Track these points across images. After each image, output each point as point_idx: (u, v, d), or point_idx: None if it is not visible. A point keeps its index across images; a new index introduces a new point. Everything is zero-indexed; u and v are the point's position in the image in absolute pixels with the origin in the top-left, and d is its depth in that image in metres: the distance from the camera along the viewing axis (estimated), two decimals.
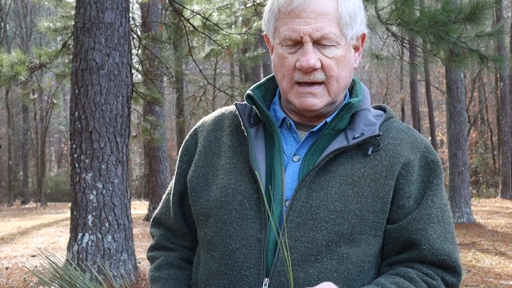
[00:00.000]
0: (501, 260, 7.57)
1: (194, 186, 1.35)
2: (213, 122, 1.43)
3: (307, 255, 1.20)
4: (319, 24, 1.22)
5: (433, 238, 1.24)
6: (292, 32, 1.23)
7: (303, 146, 1.30)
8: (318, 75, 1.24)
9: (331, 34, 1.23)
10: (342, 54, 1.26)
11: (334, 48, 1.25)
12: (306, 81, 1.25)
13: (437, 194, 1.28)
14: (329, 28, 1.23)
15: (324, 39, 1.23)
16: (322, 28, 1.22)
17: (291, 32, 1.24)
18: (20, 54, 8.04)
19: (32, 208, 21.69)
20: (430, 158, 1.31)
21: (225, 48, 8.64)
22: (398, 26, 6.68)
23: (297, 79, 1.25)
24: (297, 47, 1.25)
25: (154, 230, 1.49)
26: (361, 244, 1.23)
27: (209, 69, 22.72)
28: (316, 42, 1.24)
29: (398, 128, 1.33)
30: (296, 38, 1.23)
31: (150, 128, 10.10)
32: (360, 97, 1.33)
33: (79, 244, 5.68)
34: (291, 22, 1.24)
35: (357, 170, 1.25)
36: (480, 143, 26.66)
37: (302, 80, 1.25)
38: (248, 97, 1.34)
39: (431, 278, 1.23)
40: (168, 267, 1.41)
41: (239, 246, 1.24)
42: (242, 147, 1.33)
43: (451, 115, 12.05)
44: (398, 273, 1.24)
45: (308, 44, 1.23)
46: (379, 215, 1.24)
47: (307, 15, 1.22)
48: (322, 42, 1.23)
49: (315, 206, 1.22)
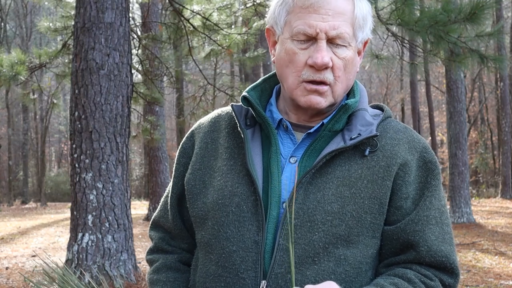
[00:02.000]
0: (501, 260, 7.57)
1: (191, 188, 1.35)
2: (209, 123, 1.42)
3: (304, 257, 1.20)
4: (336, 22, 1.21)
5: (431, 239, 1.24)
6: (308, 27, 1.22)
7: (300, 148, 1.29)
8: (327, 75, 1.23)
9: (345, 34, 1.23)
10: (352, 56, 1.26)
11: (346, 49, 1.24)
12: (315, 80, 1.23)
13: (435, 195, 1.28)
14: (344, 28, 1.23)
15: (338, 38, 1.22)
16: (339, 26, 1.22)
17: (306, 27, 1.22)
18: (20, 54, 8.04)
19: (32, 208, 21.70)
20: (428, 159, 1.30)
21: (225, 48, 8.64)
22: (398, 26, 6.67)
23: (306, 77, 1.24)
24: (309, 43, 1.23)
25: (153, 233, 1.50)
26: (358, 246, 1.22)
27: (209, 69, 22.73)
28: (330, 41, 1.23)
29: (396, 128, 1.33)
30: (312, 33, 1.22)
31: (150, 128, 10.09)
32: (357, 97, 1.33)
33: (79, 244, 5.68)
34: (307, 17, 1.22)
35: (354, 171, 1.25)
36: (480, 143, 26.66)
37: (312, 78, 1.23)
38: (244, 99, 1.33)
39: (429, 279, 1.23)
40: (166, 270, 1.41)
41: (236, 248, 1.23)
42: (239, 149, 1.32)
43: (451, 115, 12.04)
44: (396, 274, 1.23)
45: (323, 41, 1.22)
46: (376, 216, 1.24)
47: (325, 12, 1.21)
48: (336, 41, 1.23)
49: (312, 208, 1.21)
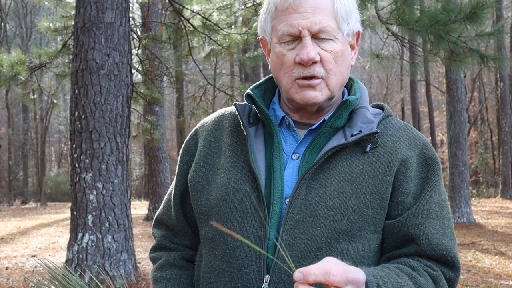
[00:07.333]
0: (501, 260, 7.57)
1: (195, 185, 1.37)
2: (213, 122, 1.45)
3: (306, 251, 1.21)
4: (317, 17, 1.24)
5: (432, 233, 1.25)
6: (291, 27, 1.25)
7: (302, 144, 1.32)
8: (317, 69, 1.25)
9: (328, 27, 1.25)
10: (340, 48, 1.28)
11: (332, 42, 1.26)
12: (306, 75, 1.26)
13: (435, 190, 1.29)
14: (326, 22, 1.25)
15: (322, 32, 1.25)
16: (320, 21, 1.24)
17: (289, 27, 1.25)
18: (20, 54, 8.04)
19: (32, 208, 21.69)
20: (428, 155, 1.32)
21: (225, 48, 8.64)
22: (398, 26, 6.68)
23: (297, 74, 1.26)
24: (295, 42, 1.26)
25: (156, 231, 1.52)
26: (360, 240, 1.24)
27: (209, 69, 22.73)
28: (315, 36, 1.25)
29: (396, 125, 1.35)
30: (295, 32, 1.25)
31: (150, 128, 10.09)
32: (358, 95, 1.35)
33: (79, 244, 5.68)
34: (289, 18, 1.25)
35: (355, 167, 1.27)
36: (480, 143, 26.67)
37: (302, 74, 1.26)
38: (248, 96, 1.36)
39: (432, 269, 1.24)
40: (170, 267, 1.43)
41: (239, 244, 1.25)
42: (241, 146, 1.34)
43: (451, 115, 12.04)
44: (399, 263, 1.25)
45: (307, 38, 1.24)
46: (378, 211, 1.25)
47: (304, 10, 1.24)
48: (320, 35, 1.25)
49: (314, 203, 1.23)
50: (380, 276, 1.13)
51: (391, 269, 1.19)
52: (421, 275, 1.21)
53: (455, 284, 1.28)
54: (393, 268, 1.20)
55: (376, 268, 1.18)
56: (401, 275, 1.18)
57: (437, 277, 1.23)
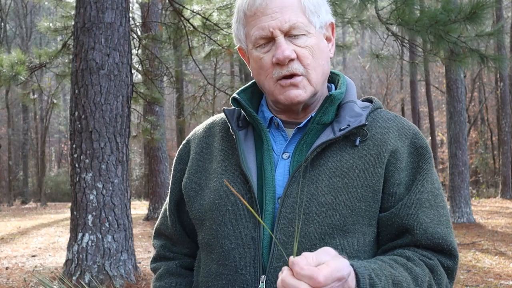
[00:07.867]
0: (501, 260, 7.57)
1: (188, 192, 1.38)
2: (204, 129, 1.47)
3: (301, 249, 1.21)
4: (285, 16, 1.25)
5: (426, 222, 1.24)
6: (262, 30, 1.26)
7: (291, 143, 1.32)
8: (295, 66, 1.26)
9: (299, 23, 1.25)
10: (315, 42, 1.28)
11: (305, 37, 1.27)
12: (285, 75, 1.26)
13: (427, 178, 1.28)
14: (296, 18, 1.25)
15: (293, 29, 1.25)
16: (290, 19, 1.25)
17: (260, 30, 1.26)
18: (20, 54, 8.04)
19: (32, 208, 21.70)
20: (418, 144, 1.32)
21: (225, 48, 8.64)
22: (398, 26, 6.68)
23: (276, 75, 1.27)
24: (270, 44, 1.27)
25: (155, 242, 1.55)
26: (355, 235, 1.24)
27: (209, 69, 22.73)
28: (287, 34, 1.26)
29: (386, 117, 1.35)
30: (267, 34, 1.25)
31: (150, 128, 10.10)
32: (343, 89, 1.35)
33: (79, 244, 5.68)
34: (258, 22, 1.26)
35: (346, 161, 1.27)
36: (480, 143, 26.67)
37: (282, 74, 1.26)
38: (234, 100, 1.37)
39: (428, 258, 1.24)
40: (169, 276, 1.45)
41: (234, 246, 1.26)
42: (232, 150, 1.35)
43: (451, 115, 12.04)
44: (395, 254, 1.24)
45: (280, 37, 1.25)
46: (371, 204, 1.25)
47: (272, 11, 1.25)
48: (292, 32, 1.25)
49: (306, 201, 1.23)
50: (372, 268, 1.12)
51: (385, 261, 1.18)
52: (416, 265, 1.20)
53: (454, 272, 1.27)
54: (387, 260, 1.19)
55: (369, 261, 1.17)
56: (396, 266, 1.18)
57: (434, 266, 1.23)
